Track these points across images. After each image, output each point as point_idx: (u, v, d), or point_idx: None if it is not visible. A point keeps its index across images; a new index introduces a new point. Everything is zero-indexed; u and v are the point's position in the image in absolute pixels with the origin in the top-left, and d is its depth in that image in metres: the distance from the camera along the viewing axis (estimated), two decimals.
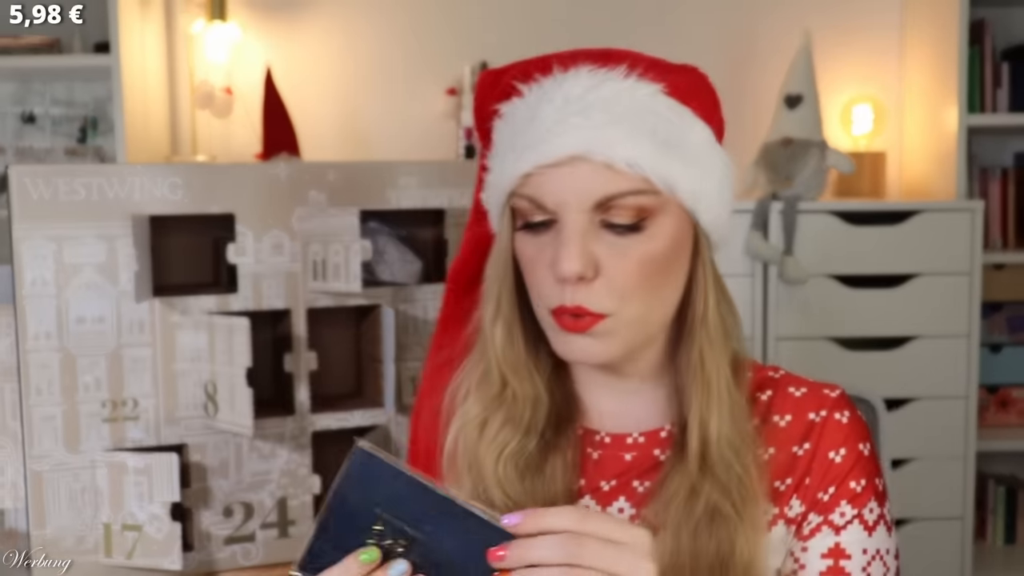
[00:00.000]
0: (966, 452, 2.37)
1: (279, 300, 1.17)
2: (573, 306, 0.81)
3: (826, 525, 0.87)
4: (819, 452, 0.88)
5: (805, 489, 0.88)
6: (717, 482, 0.84)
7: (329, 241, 1.16)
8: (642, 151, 0.80)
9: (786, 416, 0.90)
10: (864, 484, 0.88)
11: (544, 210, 0.82)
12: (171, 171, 1.12)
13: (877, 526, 0.88)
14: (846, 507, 0.87)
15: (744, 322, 0.91)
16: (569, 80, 0.83)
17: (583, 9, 2.75)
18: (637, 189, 0.80)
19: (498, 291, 0.89)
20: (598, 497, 0.91)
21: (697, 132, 0.84)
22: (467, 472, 0.91)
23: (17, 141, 2.68)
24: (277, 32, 2.77)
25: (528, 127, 0.83)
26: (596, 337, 0.83)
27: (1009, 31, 2.72)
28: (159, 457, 1.10)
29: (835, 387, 0.92)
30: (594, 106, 0.81)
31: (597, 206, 0.81)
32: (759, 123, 2.63)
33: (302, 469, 1.20)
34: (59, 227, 1.09)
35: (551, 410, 0.91)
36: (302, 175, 1.17)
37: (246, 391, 1.10)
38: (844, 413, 0.90)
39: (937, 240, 2.33)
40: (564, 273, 0.80)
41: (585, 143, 0.80)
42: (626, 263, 0.81)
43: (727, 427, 0.86)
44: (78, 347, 1.11)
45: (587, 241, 0.81)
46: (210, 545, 1.17)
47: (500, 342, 0.89)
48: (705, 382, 0.86)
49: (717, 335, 0.87)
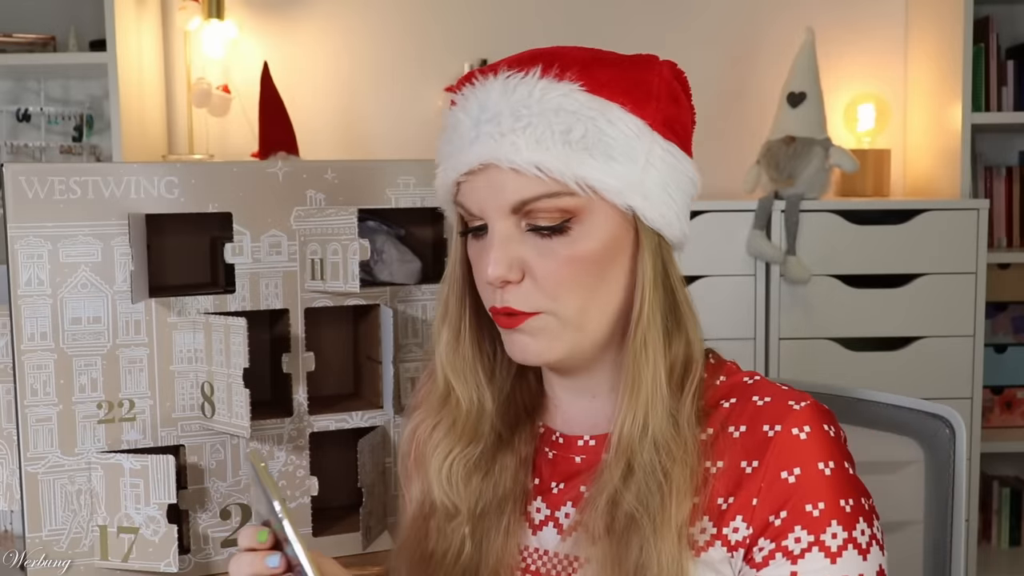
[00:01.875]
0: (970, 453, 2.35)
1: (277, 300, 1.16)
2: (502, 307, 0.83)
3: (780, 552, 0.80)
4: (769, 471, 0.81)
5: (752, 510, 0.81)
6: (638, 489, 0.81)
7: (327, 240, 1.15)
8: (549, 153, 0.79)
9: (741, 427, 0.84)
10: (823, 507, 0.80)
11: (475, 216, 0.84)
12: (167, 170, 1.11)
13: (843, 552, 0.80)
14: (801, 533, 0.80)
15: (746, 322, 0.90)
16: (486, 88, 0.83)
17: (582, 6, 2.74)
18: (551, 192, 0.80)
19: (446, 294, 0.91)
20: (548, 499, 0.91)
21: (623, 127, 0.82)
22: (417, 473, 0.95)
23: (12, 139, 2.66)
24: (274, 30, 2.76)
25: (452, 137, 0.85)
26: (533, 335, 0.83)
27: (1014, 29, 2.70)
28: (155, 459, 1.09)
29: (804, 398, 0.84)
30: (503, 112, 0.81)
31: (515, 211, 0.81)
32: (762, 121, 2.62)
33: (300, 471, 1.18)
34: (54, 226, 1.08)
35: (508, 411, 0.92)
36: (300, 174, 1.16)
37: (243, 392, 1.09)
38: (804, 429, 0.82)
39: (941, 239, 2.32)
40: (488, 277, 0.82)
41: (492, 151, 0.81)
42: (553, 264, 0.82)
43: (654, 432, 0.82)
44: (74, 348, 1.09)
45: (512, 245, 0.82)
46: (207, 547, 1.16)
47: (444, 346, 0.90)
48: (634, 382, 0.83)
49: (653, 335, 0.83)
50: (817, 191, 2.37)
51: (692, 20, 2.74)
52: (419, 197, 1.22)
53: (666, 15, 2.75)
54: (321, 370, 1.22)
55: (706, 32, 2.74)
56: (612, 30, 2.71)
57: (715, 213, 2.29)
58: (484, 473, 0.90)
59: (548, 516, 0.90)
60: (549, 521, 0.90)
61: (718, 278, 2.30)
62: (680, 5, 2.75)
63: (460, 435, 0.90)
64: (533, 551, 0.90)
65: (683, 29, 2.74)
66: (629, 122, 0.82)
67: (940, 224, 2.32)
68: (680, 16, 2.75)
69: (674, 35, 2.73)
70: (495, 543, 0.89)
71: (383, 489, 1.24)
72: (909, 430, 1.11)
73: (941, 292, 2.32)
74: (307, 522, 1.19)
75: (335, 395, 1.29)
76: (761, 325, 2.32)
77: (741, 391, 0.87)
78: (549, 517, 0.90)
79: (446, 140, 0.86)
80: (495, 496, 0.89)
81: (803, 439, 0.82)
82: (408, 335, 1.24)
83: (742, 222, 2.30)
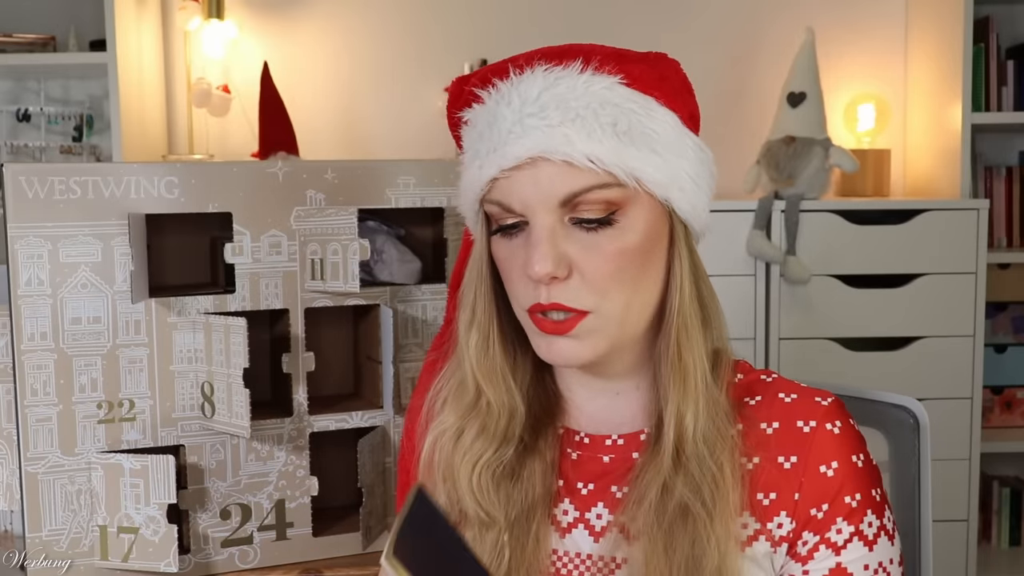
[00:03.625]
0: (970, 453, 2.35)
1: (277, 300, 1.16)
2: (549, 303, 0.81)
3: (824, 544, 0.84)
4: (809, 466, 0.84)
5: (794, 504, 0.84)
6: (690, 479, 0.82)
7: (327, 240, 1.15)
8: (601, 145, 0.80)
9: (774, 423, 0.86)
10: (860, 498, 0.84)
11: (513, 213, 0.82)
12: (167, 170, 1.11)
13: (878, 539, 0.84)
14: (843, 524, 0.83)
15: (746, 322, 0.91)
16: (525, 81, 0.83)
17: (582, 6, 2.74)
18: (601, 183, 0.80)
19: (473, 297, 0.89)
20: (577, 501, 0.89)
21: (661, 120, 0.83)
22: (443, 482, 0.91)
23: (12, 139, 2.66)
24: (274, 30, 2.76)
25: (489, 132, 0.83)
26: (579, 338, 0.82)
27: (1014, 29, 2.70)
28: (155, 459, 1.09)
29: (828, 395, 0.88)
30: (549, 105, 0.81)
31: (563, 204, 0.81)
32: (762, 121, 2.62)
33: (300, 471, 1.18)
34: (54, 226, 1.08)
35: (529, 415, 0.90)
36: (300, 174, 1.16)
37: (243, 392, 1.09)
38: (836, 424, 0.85)
39: (941, 239, 2.31)
40: (536, 275, 0.80)
41: (543, 143, 0.80)
42: (600, 259, 0.81)
43: (703, 421, 0.84)
44: (74, 348, 1.09)
45: (557, 240, 0.81)
46: (207, 547, 1.16)
47: (475, 350, 0.89)
48: (682, 373, 0.84)
49: (694, 326, 0.85)
50: (817, 191, 2.37)
51: (692, 20, 2.74)
52: (419, 197, 1.22)
53: (666, 15, 2.75)
54: (321, 370, 1.22)
55: (706, 32, 2.74)
56: (612, 30, 2.71)
57: (715, 213, 2.25)
58: (514, 479, 0.88)
59: (578, 518, 0.89)
60: (579, 523, 0.89)
61: (718, 278, 2.27)
62: (680, 5, 2.75)
63: (491, 439, 0.88)
64: (563, 554, 0.89)
65: (683, 29, 2.74)
66: (665, 115, 0.83)
67: (940, 224, 2.31)
68: (680, 16, 2.75)
69: (673, 35, 2.73)
70: (527, 549, 0.87)
71: (383, 489, 1.24)
72: (873, 421, 1.13)
73: (941, 292, 2.32)
74: (307, 522, 1.19)
75: (335, 395, 1.29)
76: (761, 325, 2.32)
77: (763, 388, 0.89)
78: (579, 519, 0.89)
79: (478, 136, 0.85)
80: (525, 501, 0.88)
81: (837, 434, 0.85)
82: (408, 335, 1.24)
83: (742, 222, 2.29)
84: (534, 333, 0.84)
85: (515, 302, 0.85)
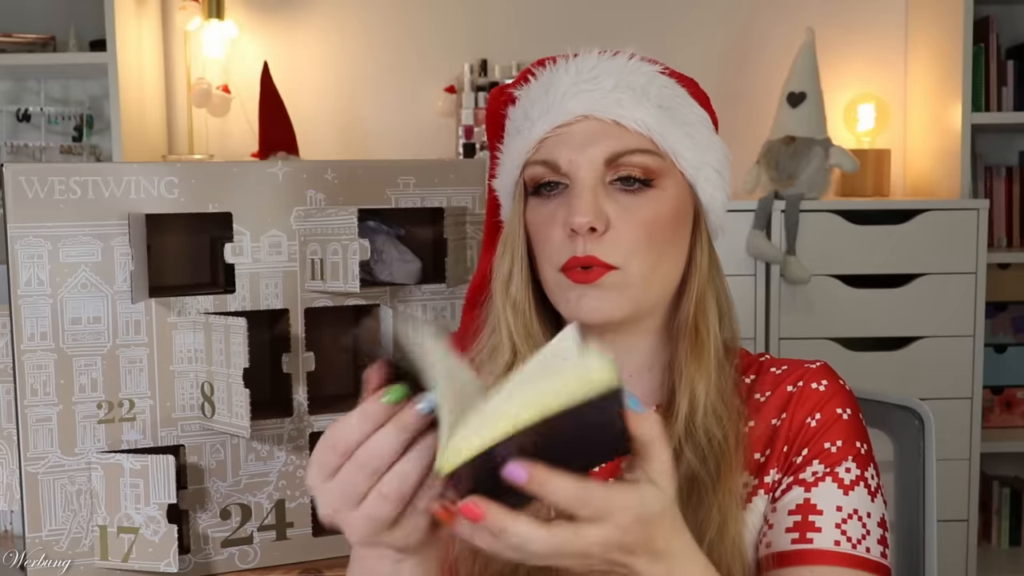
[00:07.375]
0: (970, 453, 2.35)
1: (277, 300, 1.16)
2: (584, 256, 0.85)
3: (796, 484, 0.87)
4: (795, 419, 0.89)
5: (783, 456, 0.89)
6: (697, 448, 0.87)
7: (327, 240, 1.15)
8: (648, 113, 0.87)
9: (767, 392, 0.92)
10: (841, 445, 0.87)
11: (558, 171, 0.88)
12: (168, 170, 1.11)
13: (855, 487, 0.86)
14: (818, 467, 0.87)
15: (746, 322, 0.95)
16: (580, 59, 0.91)
17: (582, 6, 2.74)
18: (644, 148, 0.87)
19: (510, 263, 0.93)
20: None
21: (695, 111, 0.91)
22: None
23: (12, 139, 2.66)
24: (274, 30, 2.76)
25: (543, 98, 0.90)
26: (605, 290, 0.86)
27: (1014, 29, 2.70)
28: (155, 459, 1.09)
29: (817, 361, 0.94)
30: (603, 75, 0.89)
31: (607, 162, 0.86)
32: (762, 121, 2.62)
33: (300, 471, 1.18)
34: (54, 226, 1.07)
35: None
36: (300, 174, 1.16)
37: (243, 392, 1.08)
38: (822, 382, 0.91)
39: (941, 239, 2.32)
40: (576, 223, 0.85)
41: (595, 104, 0.87)
42: (633, 221, 0.86)
43: (714, 394, 0.88)
44: (74, 348, 1.09)
45: (598, 197, 0.86)
46: (207, 548, 1.16)
47: (511, 311, 0.92)
48: (698, 346, 0.89)
49: (711, 306, 0.90)
50: (817, 191, 2.37)
51: (692, 20, 2.74)
52: (419, 197, 1.22)
53: (666, 15, 2.75)
54: (321, 370, 1.22)
55: (706, 32, 2.74)
56: (612, 30, 2.71)
57: None
58: None
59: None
60: None
61: None
62: (680, 5, 2.75)
63: None
64: None
65: (683, 29, 2.74)
66: (698, 108, 0.91)
67: (940, 224, 2.32)
68: (680, 16, 2.75)
69: (674, 35, 2.73)
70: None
71: None
72: (878, 422, 1.14)
73: (941, 292, 2.32)
74: (307, 522, 1.19)
75: (335, 395, 1.29)
76: (761, 325, 2.32)
77: (758, 367, 0.95)
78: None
79: (531, 104, 0.91)
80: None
81: (822, 390, 0.91)
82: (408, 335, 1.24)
83: (742, 222, 2.29)
84: (565, 287, 0.88)
85: (548, 263, 0.89)
